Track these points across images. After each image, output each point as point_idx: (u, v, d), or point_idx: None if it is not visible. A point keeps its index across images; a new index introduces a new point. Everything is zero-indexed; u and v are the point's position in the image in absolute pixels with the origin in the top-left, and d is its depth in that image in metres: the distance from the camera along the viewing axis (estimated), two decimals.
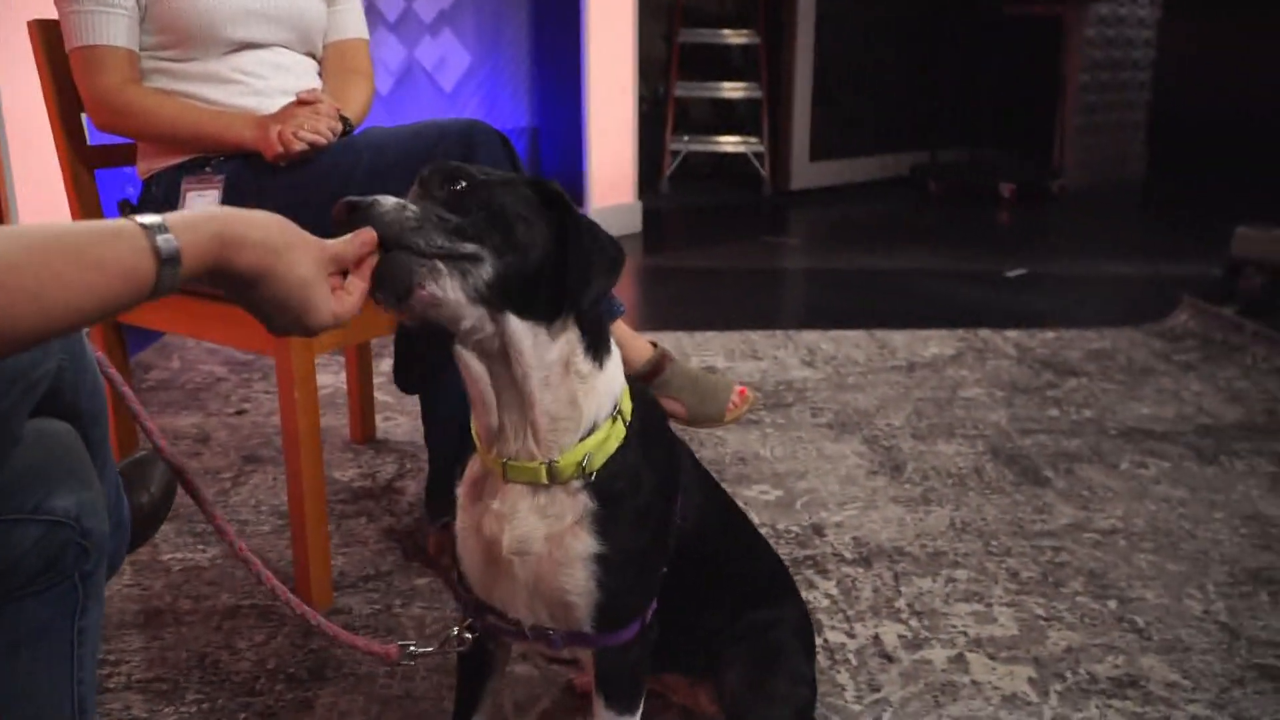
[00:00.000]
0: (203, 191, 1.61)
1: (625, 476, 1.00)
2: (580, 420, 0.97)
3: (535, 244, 0.93)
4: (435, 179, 0.92)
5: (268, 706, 1.40)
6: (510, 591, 1.02)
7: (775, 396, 2.62)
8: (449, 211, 0.89)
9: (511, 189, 0.94)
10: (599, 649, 1.04)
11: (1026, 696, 1.44)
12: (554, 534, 0.98)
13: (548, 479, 0.97)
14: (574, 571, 0.98)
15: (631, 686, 1.07)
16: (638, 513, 1.01)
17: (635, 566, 1.02)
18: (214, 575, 1.74)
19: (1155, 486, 2.12)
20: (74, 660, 0.84)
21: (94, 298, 0.66)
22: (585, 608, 1.00)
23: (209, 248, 0.74)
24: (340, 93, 1.76)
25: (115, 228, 0.69)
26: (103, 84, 1.61)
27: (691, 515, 1.11)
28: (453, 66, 4.29)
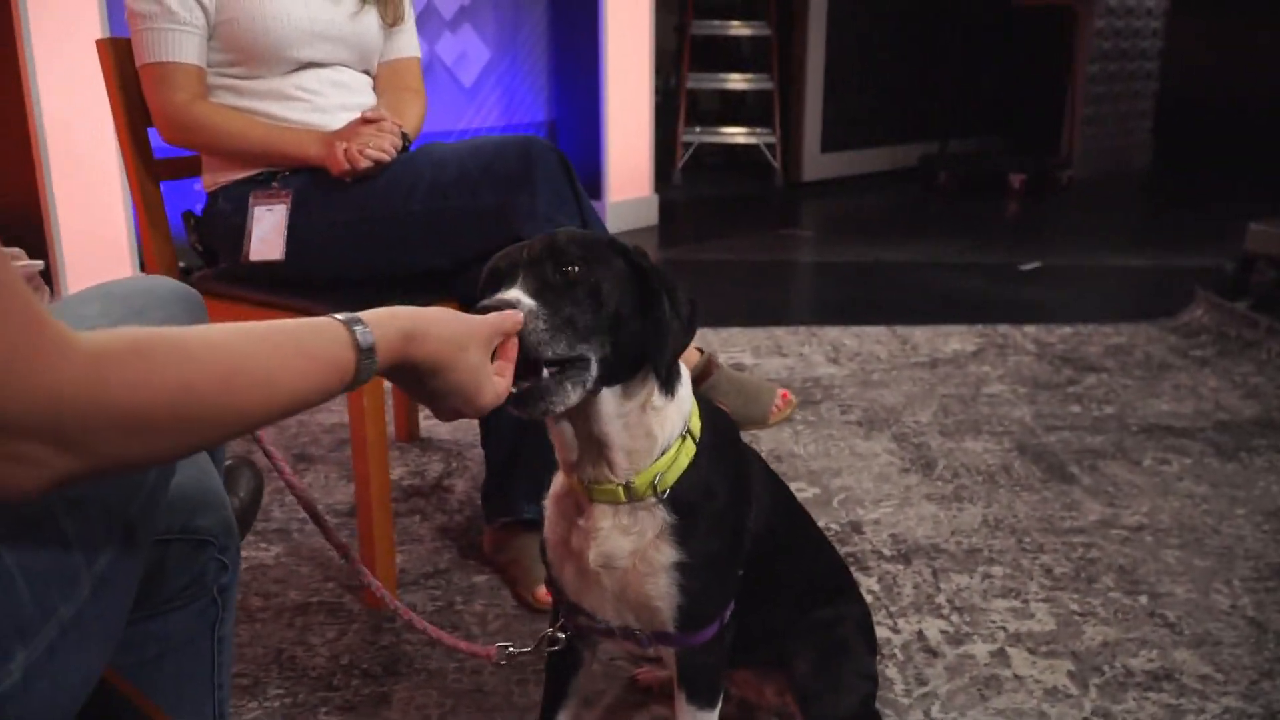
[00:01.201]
0: (271, 206, 1.67)
1: (698, 489, 1.07)
2: (654, 448, 1.05)
3: (632, 327, 1.00)
4: (548, 263, 0.98)
5: (347, 700, 1.48)
6: (599, 598, 1.10)
7: (804, 394, 2.69)
8: (563, 303, 0.96)
9: (609, 269, 1.00)
10: (681, 648, 1.11)
11: (1067, 689, 1.52)
12: (638, 549, 1.06)
13: (626, 497, 1.05)
14: (658, 580, 1.06)
15: (711, 682, 1.14)
16: (712, 521, 1.08)
17: (713, 570, 1.09)
18: (280, 573, 1.81)
19: (1178, 483, 2.19)
20: (214, 667, 0.91)
21: (311, 386, 0.73)
22: (668, 610, 1.07)
23: (397, 343, 0.81)
24: (396, 109, 1.82)
25: (317, 323, 0.76)
26: (173, 100, 1.67)
27: (761, 518, 1.18)
28: (472, 61, 4.35)
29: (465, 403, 0.89)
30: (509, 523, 1.77)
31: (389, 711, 1.45)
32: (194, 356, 0.64)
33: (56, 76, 2.84)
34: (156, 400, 0.61)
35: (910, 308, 3.50)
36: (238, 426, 0.68)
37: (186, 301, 0.95)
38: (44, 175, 2.88)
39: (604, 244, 1.02)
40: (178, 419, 0.63)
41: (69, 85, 2.83)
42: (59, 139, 2.89)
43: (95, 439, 0.59)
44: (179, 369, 0.63)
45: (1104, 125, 6.47)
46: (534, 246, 0.99)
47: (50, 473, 0.59)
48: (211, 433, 0.67)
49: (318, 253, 1.68)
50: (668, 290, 1.02)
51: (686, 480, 1.07)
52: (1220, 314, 3.27)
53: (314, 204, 1.68)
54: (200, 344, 0.66)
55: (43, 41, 2.81)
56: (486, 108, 4.44)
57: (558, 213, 1.64)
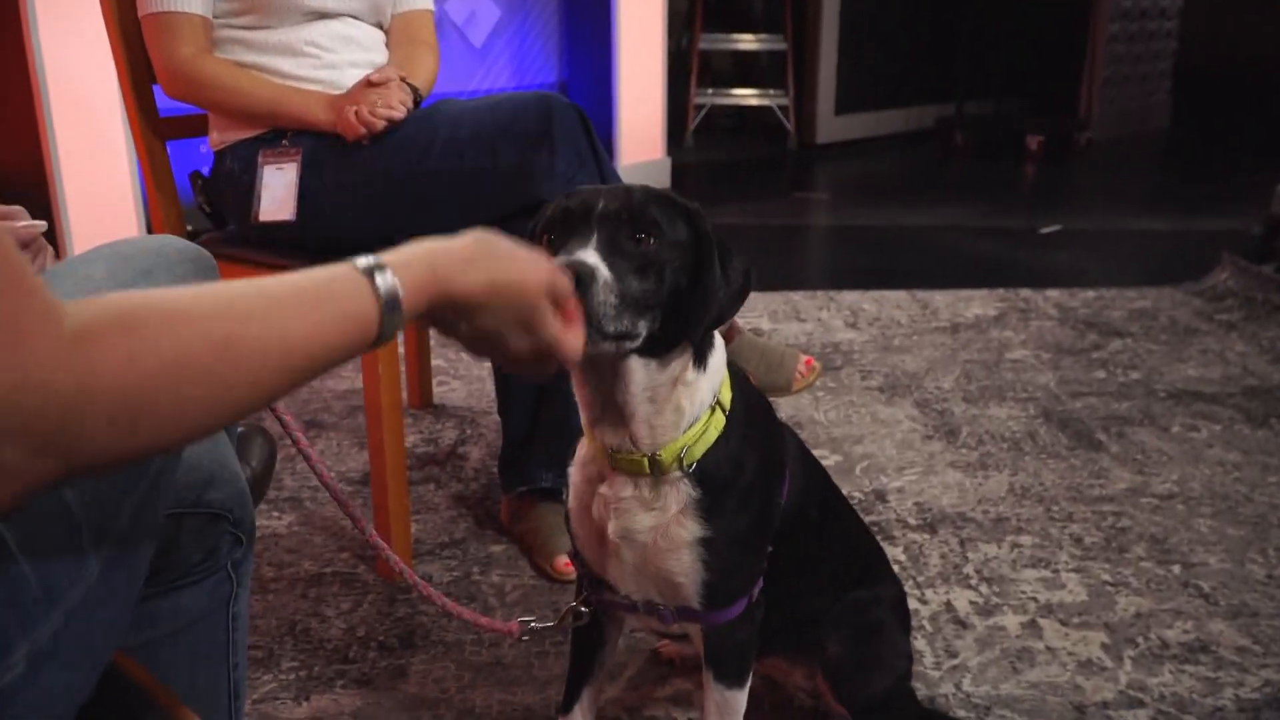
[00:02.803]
0: (280, 165, 1.62)
1: (727, 463, 1.02)
2: (681, 421, 1.00)
3: (685, 298, 0.95)
4: (624, 226, 0.92)
5: (363, 673, 1.44)
6: (620, 571, 1.06)
7: (824, 359, 2.63)
8: (632, 276, 0.91)
9: (677, 236, 0.95)
10: (707, 625, 1.07)
11: (1101, 662, 1.48)
12: (660, 524, 1.01)
13: (650, 470, 1.00)
14: (680, 555, 1.01)
15: (739, 661, 1.10)
16: (740, 496, 1.03)
17: (740, 547, 1.04)
18: (293, 543, 1.78)
19: (1209, 450, 2.14)
20: (229, 644, 0.87)
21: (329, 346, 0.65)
22: (692, 586, 1.03)
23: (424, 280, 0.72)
24: (408, 64, 1.76)
25: (331, 272, 0.68)
26: (177, 53, 1.61)
27: (794, 496, 1.13)
28: (482, 21, 4.26)
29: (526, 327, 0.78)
30: (526, 492, 1.73)
31: (406, 684, 1.42)
32: (190, 321, 0.57)
33: (60, 29, 2.77)
34: (150, 381, 0.54)
35: (929, 272, 3.43)
36: (250, 400, 0.60)
37: (197, 262, 0.90)
38: (48, 133, 2.82)
39: (675, 207, 0.96)
40: (178, 400, 0.56)
41: (73, 38, 2.76)
42: (63, 95, 2.82)
43: (80, 435, 0.52)
44: (173, 340, 0.56)
45: (1123, 86, 6.36)
46: (611, 200, 0.93)
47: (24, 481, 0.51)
48: (220, 410, 0.59)
49: (329, 214, 1.63)
50: (722, 257, 0.97)
51: (714, 454, 1.02)
52: (1246, 277, 3.20)
53: (325, 163, 1.62)
54: (195, 308, 0.58)
55: None
56: (497, 69, 4.36)
57: (578, 173, 1.59)
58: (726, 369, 1.06)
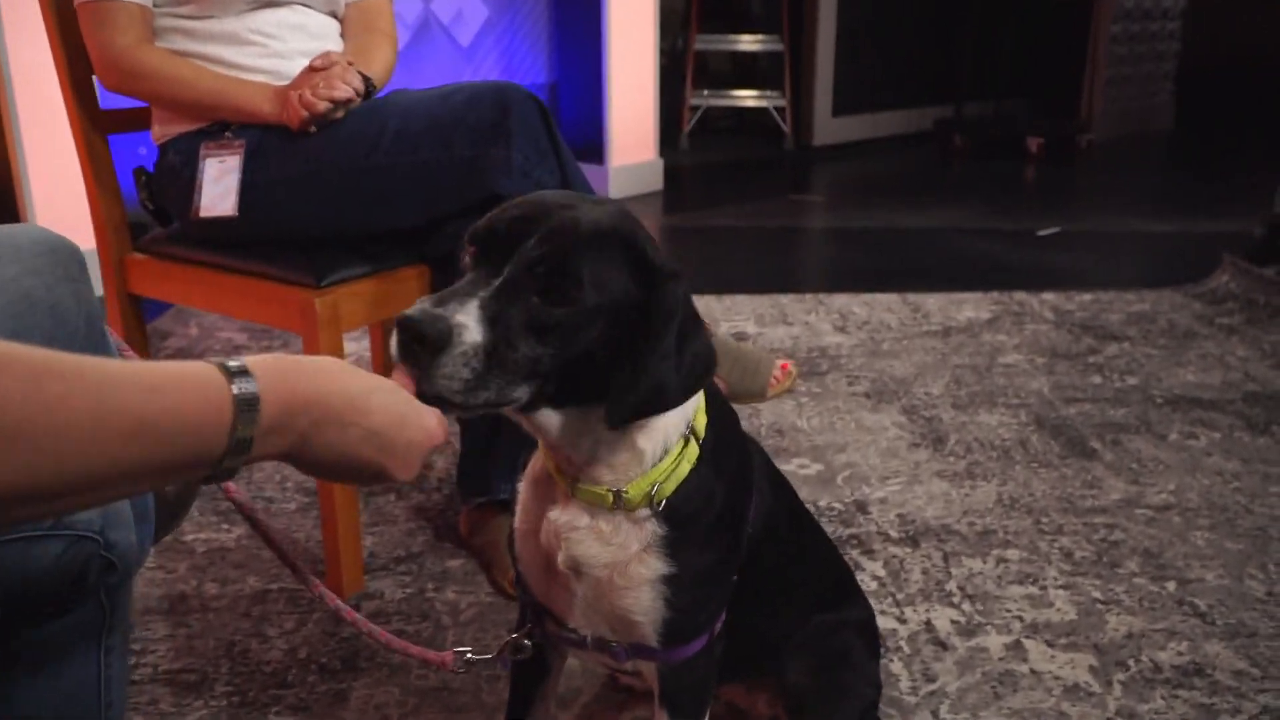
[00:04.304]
0: (222, 157, 1.54)
1: (698, 495, 0.92)
2: (644, 458, 0.89)
3: (608, 368, 0.81)
4: (541, 280, 0.78)
5: (301, 699, 1.35)
6: (568, 604, 0.96)
7: (809, 364, 2.54)
8: (521, 341, 0.77)
9: (613, 295, 0.80)
10: (665, 663, 0.97)
11: (1089, 687, 1.38)
12: (617, 561, 0.91)
13: (614, 504, 0.90)
14: (640, 593, 0.91)
15: (697, 700, 1.00)
16: (710, 528, 0.94)
17: (707, 582, 0.95)
18: (240, 557, 1.69)
19: (1207, 459, 2.05)
20: (100, 683, 0.78)
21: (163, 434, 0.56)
22: (651, 625, 0.93)
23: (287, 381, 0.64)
24: (362, 54, 1.68)
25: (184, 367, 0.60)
26: (113, 42, 1.53)
27: (761, 518, 1.04)
28: (470, 20, 4.18)
29: (416, 429, 0.72)
30: (486, 503, 1.64)
31: (345, 711, 1.33)
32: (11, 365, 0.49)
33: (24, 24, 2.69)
34: None
35: (923, 274, 3.34)
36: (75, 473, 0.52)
37: (55, 254, 0.81)
38: (13, 132, 2.74)
39: (627, 261, 0.81)
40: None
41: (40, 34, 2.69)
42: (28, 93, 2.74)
43: None
44: None
45: (1125, 87, 6.26)
46: (546, 239, 0.79)
47: None
48: (36, 478, 0.50)
49: (275, 209, 1.55)
50: (683, 333, 0.81)
51: (685, 488, 0.91)
52: (1248, 280, 3.10)
53: (270, 155, 1.54)
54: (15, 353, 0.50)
55: None
56: (485, 68, 4.28)
57: (536, 167, 1.50)
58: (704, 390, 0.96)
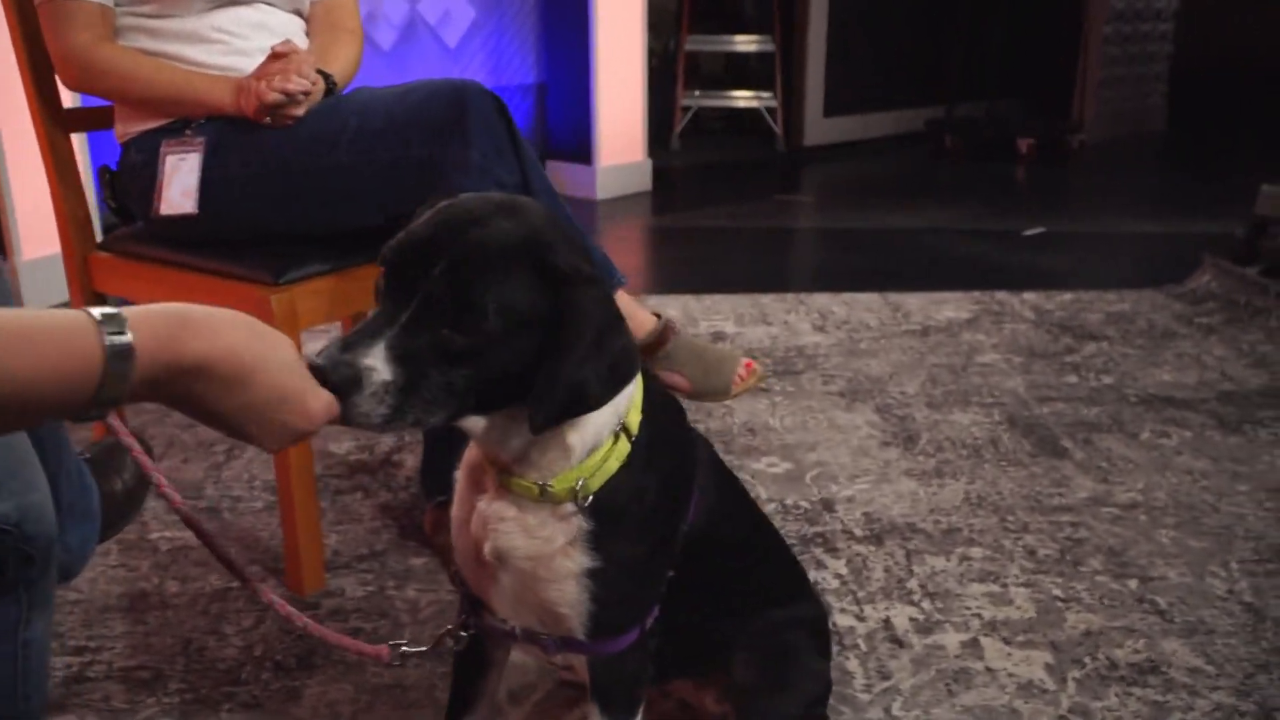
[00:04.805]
0: (183, 155, 1.54)
1: (626, 491, 0.92)
2: (572, 454, 0.90)
3: (523, 381, 0.82)
4: (448, 311, 0.78)
5: (254, 696, 1.36)
6: (498, 594, 0.97)
7: (785, 363, 2.55)
8: (431, 373, 0.78)
9: (523, 318, 0.80)
10: (594, 657, 0.98)
11: (1043, 684, 1.38)
12: (542, 555, 0.92)
13: (540, 496, 0.91)
14: (565, 586, 0.92)
15: (628, 695, 1.00)
16: (639, 525, 0.94)
17: (634, 577, 0.95)
18: (202, 555, 1.69)
19: (1177, 457, 2.05)
20: (17, 676, 0.78)
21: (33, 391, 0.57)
22: (577, 619, 0.93)
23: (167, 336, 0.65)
24: (325, 51, 1.68)
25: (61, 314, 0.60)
26: (73, 41, 1.53)
27: (703, 515, 1.04)
28: (457, 21, 4.19)
29: (295, 412, 0.73)
30: (446, 501, 1.63)
31: (297, 708, 1.33)
32: None
33: None
34: None
35: (907, 274, 3.34)
36: None
37: None
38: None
39: (531, 273, 0.81)
40: None
41: None
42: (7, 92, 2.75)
43: None
44: None
45: (1118, 88, 6.26)
46: (450, 266, 0.78)
47: None
48: None
49: (235, 206, 1.55)
50: (600, 338, 0.81)
51: (613, 483, 0.91)
52: (1229, 280, 3.10)
53: (231, 153, 1.54)
54: None
55: None
56: (472, 70, 4.29)
57: (495, 165, 1.50)
58: (641, 384, 0.97)
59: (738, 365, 1.73)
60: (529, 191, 1.52)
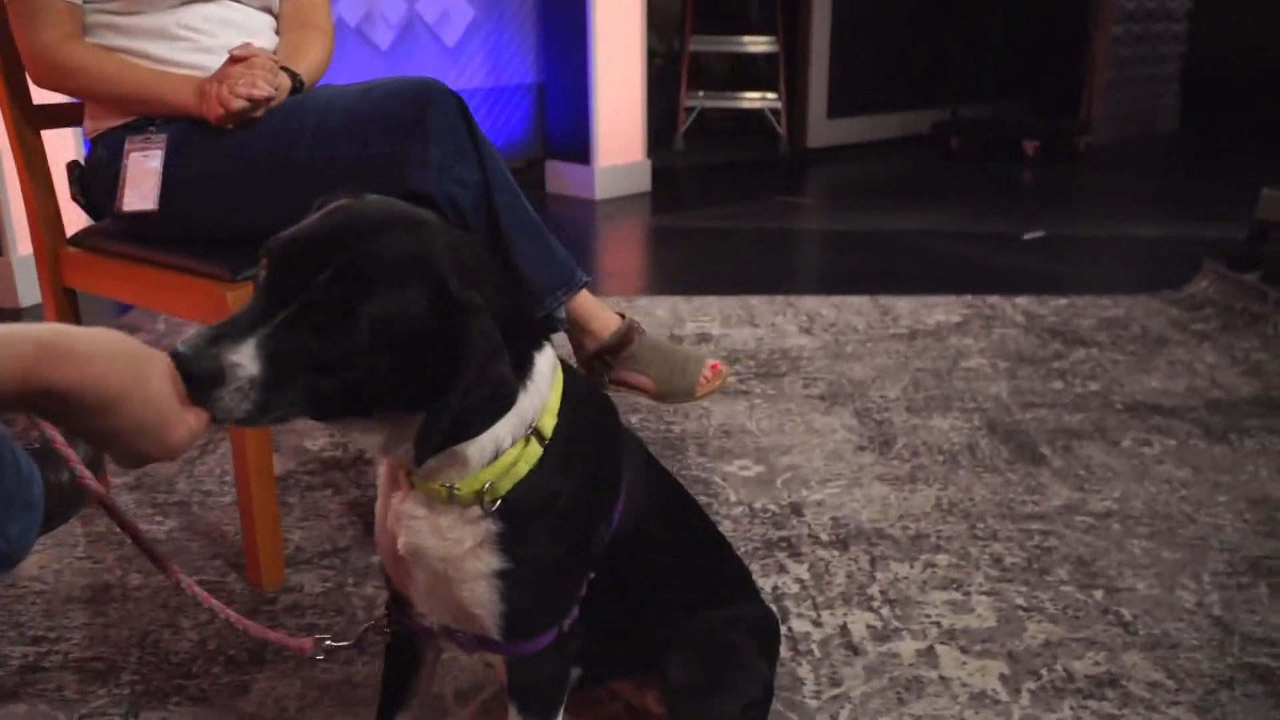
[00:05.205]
0: (146, 152, 1.54)
1: (538, 494, 0.92)
2: (468, 463, 0.89)
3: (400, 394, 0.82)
4: (324, 312, 0.78)
5: (202, 690, 1.36)
6: (415, 590, 0.97)
7: (768, 365, 2.53)
8: (298, 372, 0.78)
9: (404, 329, 0.79)
10: (511, 656, 0.97)
11: (996, 695, 1.37)
12: (451, 556, 0.91)
13: (448, 498, 0.90)
14: (475, 586, 0.92)
15: (546, 695, 1.00)
16: (552, 527, 0.93)
17: (547, 579, 0.95)
18: (168, 548, 1.70)
19: (1158, 466, 2.03)
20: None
21: None
22: (490, 619, 0.93)
23: (27, 361, 0.66)
24: (293, 49, 1.68)
25: None
26: (40, 38, 1.54)
27: (631, 516, 1.03)
28: (455, 20, 4.19)
29: (153, 443, 0.74)
30: None
31: (244, 702, 1.33)
32: None
33: None
34: None
35: (901, 277, 3.32)
36: None
37: None
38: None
39: (419, 290, 0.79)
40: None
41: None
42: None
43: None
44: None
45: (1127, 89, 6.21)
46: (337, 269, 0.78)
47: None
48: None
49: (197, 205, 1.55)
50: (482, 361, 0.80)
51: (525, 486, 0.91)
52: (1227, 285, 3.07)
53: (193, 152, 1.54)
54: None
55: None
56: (471, 69, 4.29)
57: (456, 164, 1.50)
58: (560, 384, 0.96)
59: (703, 367, 1.72)
60: (489, 189, 1.51)
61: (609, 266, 3.71)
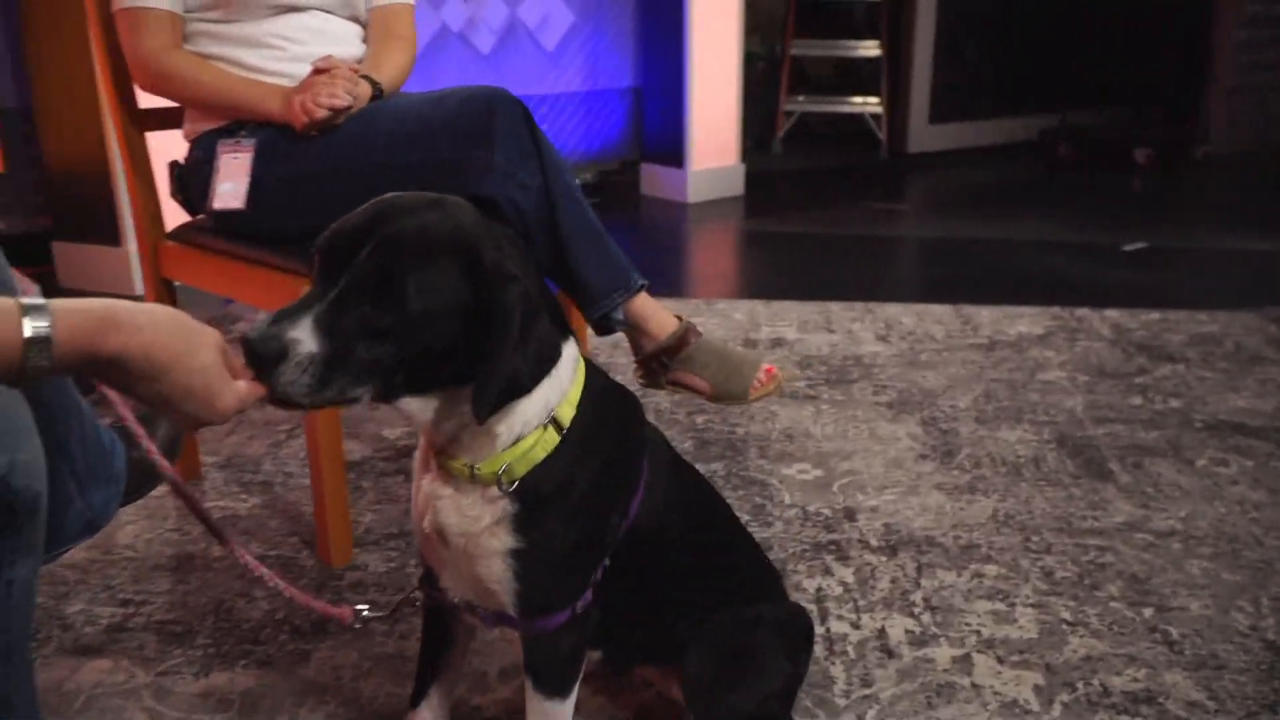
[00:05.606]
0: (236, 154, 1.66)
1: (553, 480, 0.98)
2: (496, 441, 0.96)
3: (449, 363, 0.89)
4: (370, 290, 0.85)
5: (268, 655, 1.46)
6: (442, 566, 1.04)
7: (840, 372, 2.55)
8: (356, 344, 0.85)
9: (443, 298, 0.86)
10: (526, 633, 1.04)
11: (1028, 705, 1.37)
12: (471, 533, 0.99)
13: (470, 478, 0.97)
14: (491, 564, 0.99)
15: (560, 672, 1.06)
16: (565, 513, 1.00)
17: (559, 562, 1.01)
18: (249, 525, 1.82)
19: (1232, 487, 1.98)
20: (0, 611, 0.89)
21: None
22: (506, 595, 1.00)
23: (89, 332, 0.75)
24: (377, 58, 1.78)
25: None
26: (145, 47, 1.67)
27: (650, 510, 1.09)
28: (555, 25, 4.29)
29: (201, 407, 0.83)
30: None
31: (305, 669, 1.43)
32: None
33: None
34: None
35: (989, 286, 3.29)
36: None
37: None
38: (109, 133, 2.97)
39: (454, 263, 0.87)
40: None
41: None
42: None
43: None
44: None
45: (1251, 97, 5.95)
46: (377, 249, 0.86)
47: None
48: None
49: (282, 205, 1.66)
50: (523, 323, 0.88)
51: (541, 471, 0.98)
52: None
53: (280, 155, 1.65)
54: None
55: None
56: (569, 73, 4.39)
57: (519, 169, 1.57)
58: (583, 379, 1.02)
59: (758, 370, 1.76)
60: (550, 194, 1.58)
61: (695, 269, 3.75)
